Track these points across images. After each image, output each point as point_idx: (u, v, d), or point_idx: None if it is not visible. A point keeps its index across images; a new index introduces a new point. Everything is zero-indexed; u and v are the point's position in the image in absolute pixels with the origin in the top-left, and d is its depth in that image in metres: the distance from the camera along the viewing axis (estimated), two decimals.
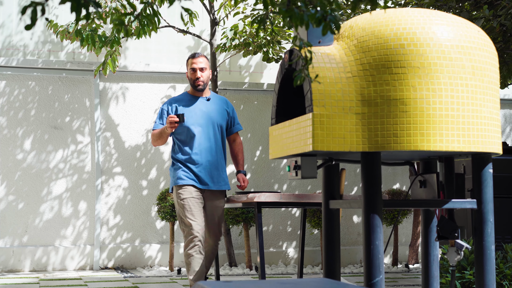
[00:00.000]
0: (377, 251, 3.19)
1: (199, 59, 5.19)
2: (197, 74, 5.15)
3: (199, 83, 5.14)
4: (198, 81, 5.14)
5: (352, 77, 3.21)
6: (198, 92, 5.19)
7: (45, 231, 7.73)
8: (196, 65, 5.16)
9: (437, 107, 3.14)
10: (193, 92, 5.22)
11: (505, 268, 4.93)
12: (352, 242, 8.59)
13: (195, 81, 5.16)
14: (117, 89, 8.07)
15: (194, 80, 5.16)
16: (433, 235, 3.75)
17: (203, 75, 5.16)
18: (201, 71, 5.16)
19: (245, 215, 7.55)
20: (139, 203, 8.03)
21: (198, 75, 5.15)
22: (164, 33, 8.15)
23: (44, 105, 7.83)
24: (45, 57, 7.91)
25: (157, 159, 8.10)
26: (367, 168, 3.21)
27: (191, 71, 5.18)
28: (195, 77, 5.16)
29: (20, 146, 7.72)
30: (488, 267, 3.36)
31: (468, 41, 3.24)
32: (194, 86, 5.17)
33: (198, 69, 5.16)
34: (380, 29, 3.23)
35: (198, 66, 5.16)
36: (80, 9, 2.04)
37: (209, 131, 5.09)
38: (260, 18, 2.53)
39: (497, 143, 3.32)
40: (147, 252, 7.97)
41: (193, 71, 5.17)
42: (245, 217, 7.56)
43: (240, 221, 7.62)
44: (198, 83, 5.15)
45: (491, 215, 3.39)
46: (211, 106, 5.17)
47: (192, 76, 5.17)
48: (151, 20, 3.09)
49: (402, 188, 8.71)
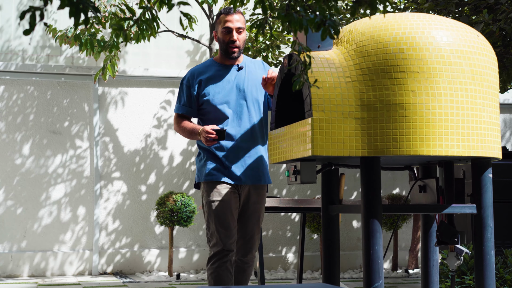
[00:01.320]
0: (376, 256, 3.18)
1: (235, 16, 3.92)
2: (233, 35, 3.91)
3: (234, 49, 3.93)
4: (233, 46, 3.92)
5: (351, 82, 3.20)
6: (229, 60, 3.98)
7: (44, 236, 7.71)
8: (231, 24, 3.90)
9: (437, 111, 3.13)
10: (222, 60, 4.00)
11: (505, 273, 4.92)
12: (352, 247, 8.58)
13: (228, 45, 3.93)
14: (116, 94, 8.06)
15: (227, 43, 3.93)
16: (432, 240, 3.74)
17: (240, 38, 3.93)
18: (238, 33, 3.93)
19: None
20: (138, 208, 8.01)
21: (234, 37, 3.91)
22: (163, 37, 8.15)
23: (43, 109, 7.82)
24: (44, 61, 7.90)
25: (156, 164, 8.09)
26: (367, 173, 3.20)
27: (224, 31, 3.92)
28: (229, 39, 3.92)
29: (18, 151, 7.71)
30: (488, 272, 3.35)
31: (468, 45, 3.23)
32: (226, 53, 3.94)
33: (235, 29, 3.91)
34: (380, 34, 3.22)
35: (234, 25, 3.91)
36: (79, 14, 2.03)
37: (243, 110, 3.95)
38: (259, 23, 2.52)
39: (496, 148, 3.32)
40: (146, 257, 7.96)
41: (227, 31, 3.91)
42: None
43: None
44: (233, 49, 3.93)
45: (491, 220, 3.38)
46: (244, 76, 3.99)
47: (225, 37, 3.92)
48: (150, 25, 3.08)
49: (402, 193, 8.70)
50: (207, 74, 3.96)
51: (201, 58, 8.33)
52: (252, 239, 3.96)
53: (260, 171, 3.95)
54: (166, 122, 8.15)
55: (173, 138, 8.15)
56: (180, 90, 4.02)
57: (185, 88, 3.98)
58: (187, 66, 8.29)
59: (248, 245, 3.96)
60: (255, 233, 3.97)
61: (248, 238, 3.95)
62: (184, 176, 8.15)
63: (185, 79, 4.00)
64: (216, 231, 3.81)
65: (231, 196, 3.86)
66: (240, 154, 3.90)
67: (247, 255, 3.98)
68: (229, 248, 3.81)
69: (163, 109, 8.16)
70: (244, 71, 3.98)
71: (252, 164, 3.92)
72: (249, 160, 3.92)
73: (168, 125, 8.15)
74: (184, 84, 3.99)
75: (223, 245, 3.80)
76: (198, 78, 3.96)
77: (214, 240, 3.83)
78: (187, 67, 8.28)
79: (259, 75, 3.98)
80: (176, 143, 8.15)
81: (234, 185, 3.89)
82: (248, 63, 4.04)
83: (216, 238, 3.82)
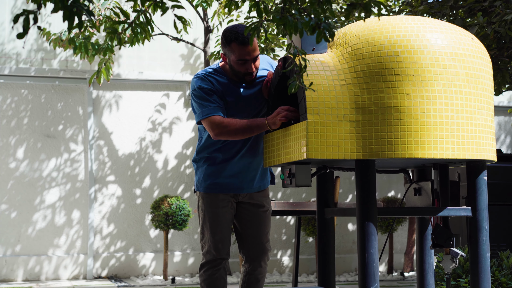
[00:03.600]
0: (372, 259, 3.17)
1: (254, 45, 3.56)
2: (251, 67, 3.60)
3: (250, 78, 3.65)
4: (251, 77, 3.65)
5: (346, 85, 3.20)
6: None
7: (38, 240, 7.69)
8: (249, 56, 3.57)
9: (432, 114, 3.13)
10: (233, 77, 3.71)
11: (500, 275, 4.92)
12: (347, 250, 8.57)
13: (245, 76, 3.64)
14: (110, 97, 8.05)
15: (243, 74, 3.63)
16: (428, 243, 3.74)
17: (256, 65, 3.62)
18: (255, 61, 3.61)
19: None
20: (133, 212, 7.99)
21: (252, 69, 3.61)
22: (158, 41, 8.14)
23: (37, 113, 7.80)
24: (38, 65, 7.88)
25: (151, 167, 8.07)
26: (362, 176, 3.20)
27: (241, 62, 3.59)
28: (246, 71, 3.62)
29: (13, 155, 7.69)
30: (483, 275, 3.35)
31: (462, 48, 3.23)
32: (241, 80, 3.68)
33: (251, 60, 3.59)
34: (374, 37, 3.22)
35: (251, 57, 3.58)
36: (73, 17, 2.02)
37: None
38: (254, 26, 2.51)
39: (491, 151, 3.32)
40: (141, 261, 7.94)
41: (243, 62, 3.59)
42: None
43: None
44: (250, 77, 3.65)
45: (486, 222, 3.38)
46: (254, 91, 3.72)
47: (240, 68, 3.60)
48: (145, 28, 3.07)
49: (397, 195, 8.70)
50: (220, 87, 3.66)
51: (196, 61, 8.33)
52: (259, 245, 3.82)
53: (259, 176, 3.79)
54: (161, 126, 8.13)
55: (168, 142, 8.14)
56: (202, 95, 3.62)
57: (209, 91, 3.62)
58: (181, 69, 8.28)
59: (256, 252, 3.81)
60: (261, 240, 3.81)
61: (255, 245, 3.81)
62: (179, 180, 8.14)
63: (203, 82, 3.64)
64: (209, 240, 3.71)
65: (228, 205, 3.74)
66: (242, 165, 3.72)
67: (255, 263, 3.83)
68: (223, 257, 3.72)
69: (157, 113, 8.14)
70: (253, 86, 3.71)
71: (254, 175, 3.77)
72: (252, 172, 3.75)
73: (163, 128, 8.14)
74: (206, 88, 3.62)
75: (216, 254, 3.71)
76: (216, 86, 3.65)
77: (206, 247, 3.73)
78: (182, 70, 8.28)
79: (265, 78, 3.75)
80: (170, 147, 8.14)
81: (233, 194, 3.76)
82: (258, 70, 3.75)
83: (209, 246, 3.72)
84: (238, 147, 3.71)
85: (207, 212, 3.74)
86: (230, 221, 3.77)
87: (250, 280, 3.82)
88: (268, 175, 3.87)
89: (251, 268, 3.81)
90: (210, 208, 3.73)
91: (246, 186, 3.76)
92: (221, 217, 3.72)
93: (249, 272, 3.82)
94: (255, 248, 3.79)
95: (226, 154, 3.71)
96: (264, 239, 3.81)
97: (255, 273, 3.81)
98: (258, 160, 3.74)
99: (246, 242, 3.80)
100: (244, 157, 3.72)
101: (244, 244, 3.82)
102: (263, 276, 3.84)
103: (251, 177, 3.75)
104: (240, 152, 3.71)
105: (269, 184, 3.88)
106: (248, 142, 3.71)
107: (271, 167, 3.58)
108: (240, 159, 3.71)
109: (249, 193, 3.79)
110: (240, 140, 3.68)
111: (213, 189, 3.72)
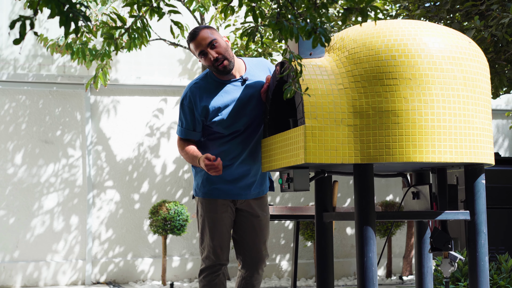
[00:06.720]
0: (370, 263, 3.17)
1: (200, 36, 3.58)
2: (211, 55, 3.59)
3: (221, 65, 3.60)
4: (219, 62, 3.60)
5: (343, 89, 3.20)
6: (227, 76, 3.69)
7: (37, 246, 7.68)
8: (201, 47, 3.58)
9: (429, 118, 3.13)
10: (221, 76, 3.69)
11: (499, 279, 4.91)
12: (346, 254, 8.57)
13: (214, 65, 3.61)
14: (108, 103, 8.05)
15: (212, 65, 3.62)
16: (426, 247, 3.73)
17: (218, 50, 3.59)
18: (213, 48, 3.60)
19: None
20: (131, 217, 7.98)
21: (213, 55, 3.58)
22: (155, 46, 8.14)
23: (35, 119, 7.79)
24: (36, 71, 7.88)
25: (149, 172, 8.07)
26: (360, 180, 3.20)
27: (202, 57, 3.62)
28: (210, 60, 3.61)
29: (11, 161, 7.68)
30: (482, 279, 3.34)
31: (460, 52, 3.23)
32: (219, 72, 3.64)
33: (208, 48, 3.60)
34: (371, 41, 3.22)
35: (204, 46, 3.58)
36: (69, 23, 2.02)
37: (249, 129, 3.72)
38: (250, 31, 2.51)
39: (489, 154, 3.32)
40: (139, 266, 7.93)
41: (203, 56, 3.61)
42: None
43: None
44: (220, 65, 3.60)
45: (485, 226, 3.38)
46: (249, 91, 3.68)
47: (206, 62, 3.62)
48: (141, 33, 3.07)
49: (395, 199, 8.70)
50: (209, 93, 3.65)
51: (193, 66, 8.33)
52: (257, 251, 3.82)
53: (258, 183, 3.79)
54: (159, 131, 8.13)
55: (166, 147, 8.13)
56: (181, 112, 3.69)
57: (188, 110, 3.65)
58: (179, 74, 8.28)
59: (253, 258, 3.82)
60: (258, 246, 3.82)
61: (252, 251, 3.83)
62: (177, 185, 8.13)
63: (185, 99, 3.66)
64: (208, 245, 3.73)
65: (228, 210, 3.75)
66: (241, 171, 3.73)
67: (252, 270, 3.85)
68: (222, 262, 3.75)
69: (155, 118, 8.14)
70: (248, 86, 3.69)
71: (253, 181, 3.77)
72: (250, 178, 3.75)
73: (161, 133, 8.13)
74: (185, 106, 3.66)
75: (216, 259, 3.74)
76: (201, 99, 3.64)
77: (206, 253, 3.75)
78: (179, 75, 8.28)
79: (262, 83, 3.71)
80: (169, 152, 8.13)
81: (231, 200, 3.77)
82: (252, 70, 3.74)
83: (208, 251, 3.73)
84: (237, 153, 3.72)
85: (206, 218, 3.75)
86: (229, 226, 3.78)
87: (246, 286, 3.84)
88: (267, 181, 3.87)
89: (247, 274, 3.84)
90: (209, 213, 3.74)
91: (244, 193, 3.76)
92: (220, 222, 3.73)
93: (245, 278, 3.85)
94: (253, 256, 3.82)
95: (225, 160, 3.70)
96: (262, 247, 3.83)
97: (251, 280, 3.84)
98: (257, 166, 3.75)
99: (243, 249, 3.82)
100: (243, 164, 3.72)
101: (241, 251, 3.84)
102: (259, 282, 3.87)
103: (249, 183, 3.76)
104: (239, 158, 3.72)
105: (267, 191, 3.88)
106: (247, 148, 3.72)
107: (270, 171, 3.58)
108: (239, 165, 3.72)
109: (247, 200, 3.79)
110: (239, 147, 3.71)
111: (212, 195, 3.74)
